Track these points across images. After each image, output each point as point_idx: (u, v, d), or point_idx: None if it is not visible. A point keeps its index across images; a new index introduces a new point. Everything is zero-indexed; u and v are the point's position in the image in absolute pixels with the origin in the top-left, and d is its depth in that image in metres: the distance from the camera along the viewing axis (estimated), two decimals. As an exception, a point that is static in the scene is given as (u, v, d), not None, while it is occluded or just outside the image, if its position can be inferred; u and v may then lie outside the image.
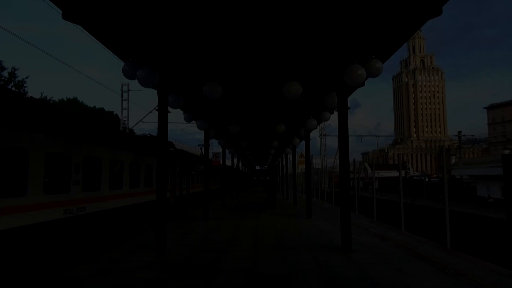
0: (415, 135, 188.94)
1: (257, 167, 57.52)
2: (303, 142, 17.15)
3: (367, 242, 8.49)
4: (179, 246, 8.06)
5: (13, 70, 34.18)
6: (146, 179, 14.53)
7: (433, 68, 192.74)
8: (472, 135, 63.87)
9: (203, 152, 26.15)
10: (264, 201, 17.33)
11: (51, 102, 40.43)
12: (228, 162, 37.34)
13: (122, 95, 32.88)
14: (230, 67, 7.94)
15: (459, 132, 52.30)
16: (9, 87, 31.43)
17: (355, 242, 8.10)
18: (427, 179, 41.02)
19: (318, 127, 28.20)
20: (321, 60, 7.47)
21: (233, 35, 6.21)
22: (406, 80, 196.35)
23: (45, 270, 6.08)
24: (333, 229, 10.52)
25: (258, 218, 13.37)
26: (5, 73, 33.63)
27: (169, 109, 8.41)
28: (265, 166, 56.60)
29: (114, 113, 51.11)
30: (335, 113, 9.78)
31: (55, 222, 8.25)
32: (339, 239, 7.92)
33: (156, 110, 8.50)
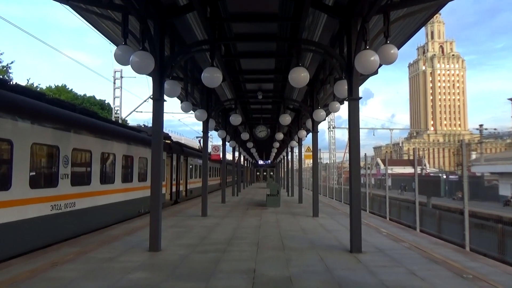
0: (432, 128, 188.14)
1: (260, 162, 57.58)
2: (310, 135, 17.12)
3: (379, 243, 8.48)
4: (175, 246, 8.09)
5: (-3, 54, 34.29)
6: (140, 174, 14.57)
7: (453, 55, 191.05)
8: (495, 129, 63.49)
9: (201, 145, 26.24)
10: (267, 198, 17.34)
11: (38, 90, 40.49)
12: (229, 157, 37.39)
13: (114, 83, 32.88)
14: (232, 46, 7.88)
15: (481, 126, 51.98)
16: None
17: (366, 243, 8.09)
18: (444, 176, 40.93)
19: (326, 118, 28.09)
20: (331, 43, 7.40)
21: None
22: (424, 68, 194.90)
23: (31, 270, 6.12)
24: (342, 229, 10.53)
25: (260, 217, 13.39)
26: (-11, 58, 33.67)
27: (166, 98, 8.38)
28: (269, 161, 56.70)
29: (106, 102, 51.09)
30: (345, 103, 9.72)
31: (42, 219, 8.30)
32: (348, 240, 7.91)
33: (151, 99, 8.46)
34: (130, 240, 8.76)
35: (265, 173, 62.37)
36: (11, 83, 9.18)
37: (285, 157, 31.93)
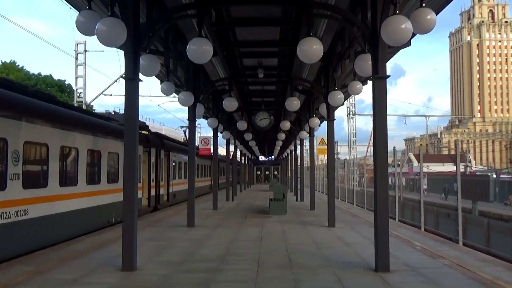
0: (479, 115, 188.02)
1: (262, 158, 57.64)
2: (324, 123, 17.08)
3: (411, 260, 8.50)
4: (154, 263, 8.10)
5: None
6: (110, 173, 14.58)
7: (505, 22, 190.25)
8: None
9: (187, 136, 26.21)
10: (271, 203, 17.36)
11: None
12: (222, 151, 37.37)
13: (76, 58, 32.80)
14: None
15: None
16: None
17: (395, 260, 8.11)
18: (494, 176, 40.96)
19: (345, 103, 28.02)
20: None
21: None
22: (469, 38, 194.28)
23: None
24: (365, 242, 10.55)
25: (262, 227, 13.42)
26: None
27: (142, 77, 8.36)
28: (272, 157, 56.73)
29: (66, 82, 51.05)
30: (369, 83, 9.68)
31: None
32: (372, 256, 7.93)
33: (123, 78, 8.43)
34: (99, 256, 8.77)
35: (267, 172, 62.35)
36: None
37: (293, 152, 31.92)
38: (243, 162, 43.38)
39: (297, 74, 15.44)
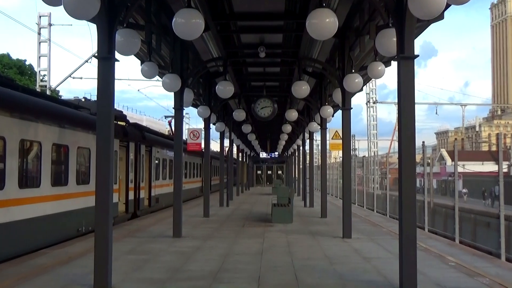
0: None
1: (264, 155, 57.71)
2: (339, 114, 17.05)
3: (443, 278, 8.49)
4: (132, 281, 8.11)
5: None
6: (80, 172, 14.58)
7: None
8: None
9: (172, 128, 26.14)
10: (274, 209, 17.37)
11: None
12: (216, 147, 37.39)
13: (39, 33, 32.71)
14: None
15: None
16: None
17: (424, 278, 8.12)
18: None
19: (364, 88, 27.90)
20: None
21: None
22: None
23: None
24: (387, 257, 10.56)
25: (263, 238, 13.44)
26: None
27: (118, 56, 8.33)
28: (276, 154, 56.78)
29: (27, 63, 51.03)
30: (394, 64, 9.66)
31: None
32: (396, 274, 7.93)
33: (95, 57, 8.40)
34: (66, 272, 8.77)
35: (269, 172, 62.37)
36: None
37: (300, 148, 31.94)
38: (240, 159, 43.39)
39: (306, 53, 15.39)
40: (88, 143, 14.74)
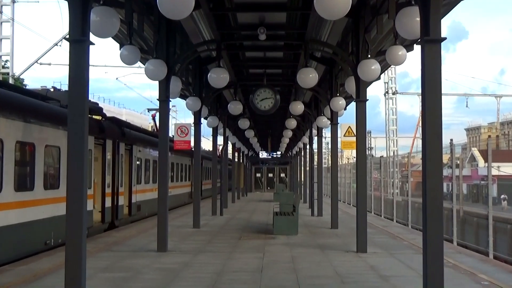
0: None
1: (264, 155, 57.72)
2: (352, 106, 17.06)
3: (474, 299, 8.52)
4: (111, 304, 8.14)
5: None
6: (49, 175, 14.56)
7: None
8: None
9: (157, 124, 26.05)
10: (275, 219, 17.38)
11: None
12: (207, 145, 37.36)
13: (0, 12, 32.68)
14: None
15: None
16: None
17: (451, 299, 8.13)
18: None
19: (382, 77, 27.88)
20: None
21: None
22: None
23: None
24: (409, 275, 10.58)
25: (263, 252, 13.46)
26: None
27: (93, 38, 8.34)
28: (278, 153, 56.78)
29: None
30: (416, 48, 9.66)
31: None
32: (419, 295, 7.97)
33: (66, 40, 8.41)
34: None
35: (270, 175, 62.34)
36: None
37: (307, 147, 31.94)
38: (236, 160, 43.42)
39: (313, 35, 15.40)
40: (57, 140, 14.72)
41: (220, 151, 33.28)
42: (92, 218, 17.46)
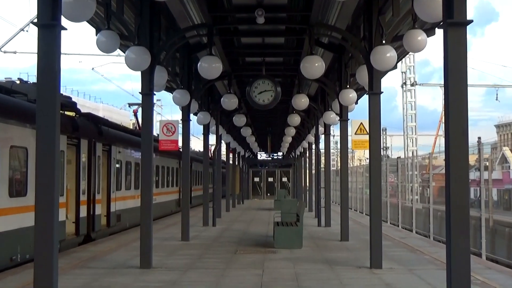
0: None
1: (263, 156, 57.76)
2: (364, 100, 17.02)
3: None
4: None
5: None
6: (14, 181, 14.54)
7: None
8: None
9: (139, 121, 26.02)
10: (276, 229, 17.38)
11: None
12: (198, 145, 37.34)
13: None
14: None
15: None
16: None
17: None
18: None
19: (398, 66, 27.95)
20: None
21: None
22: None
23: None
24: (430, 294, 10.57)
25: (262, 269, 13.49)
26: None
27: (65, 22, 8.32)
28: (279, 154, 56.83)
29: None
30: (438, 33, 9.64)
31: None
32: (442, 317, 7.96)
33: (33, 24, 8.42)
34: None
35: (271, 179, 62.36)
36: None
37: (313, 147, 31.98)
38: (231, 162, 43.46)
39: (320, 18, 15.40)
40: (24, 140, 14.70)
41: (212, 152, 33.27)
42: (64, 230, 17.45)
